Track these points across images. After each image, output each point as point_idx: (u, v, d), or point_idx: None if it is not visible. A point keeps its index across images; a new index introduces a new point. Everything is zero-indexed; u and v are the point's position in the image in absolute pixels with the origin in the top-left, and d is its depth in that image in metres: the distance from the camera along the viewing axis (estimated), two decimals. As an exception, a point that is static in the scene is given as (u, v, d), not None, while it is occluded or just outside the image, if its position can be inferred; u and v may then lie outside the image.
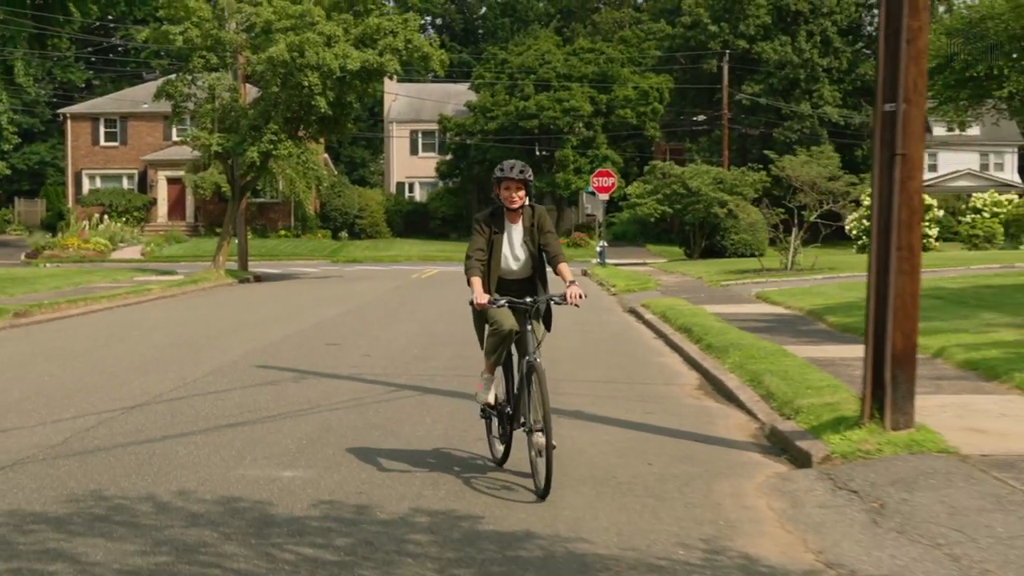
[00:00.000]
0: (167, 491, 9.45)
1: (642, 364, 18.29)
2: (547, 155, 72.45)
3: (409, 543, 8.01)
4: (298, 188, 46.02)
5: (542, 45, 77.80)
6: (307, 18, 40.57)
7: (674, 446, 11.72)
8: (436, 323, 25.03)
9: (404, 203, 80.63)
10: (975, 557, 7.40)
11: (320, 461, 10.78)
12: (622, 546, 8.04)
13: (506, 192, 9.66)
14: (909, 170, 10.80)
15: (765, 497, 9.59)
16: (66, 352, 19.69)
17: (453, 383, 15.52)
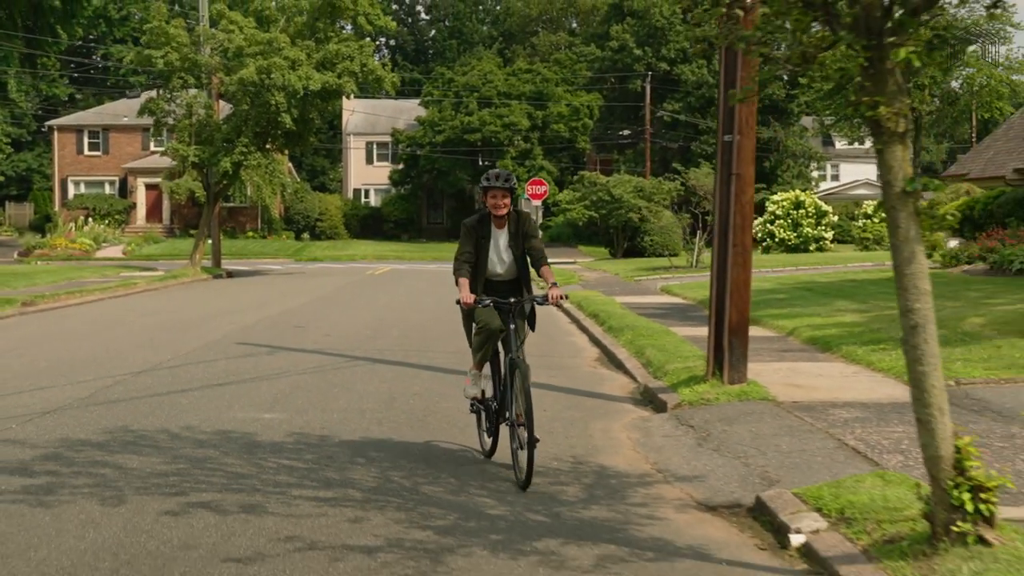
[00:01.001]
0: (177, 426, 11.35)
1: (555, 342, 19.77)
2: (489, 165, 73.09)
3: (359, 457, 10.06)
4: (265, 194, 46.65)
5: (485, 66, 78.52)
6: (274, 44, 41.15)
7: (567, 399, 13.52)
8: (386, 311, 26.28)
9: (360, 208, 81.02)
10: (760, 463, 9.51)
11: (291, 408, 12.62)
12: (517, 462, 9.96)
13: (492, 200, 9.48)
14: (742, 186, 12.90)
15: (626, 432, 11.56)
16: (74, 334, 21.07)
17: (399, 356, 17.29)
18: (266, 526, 7.65)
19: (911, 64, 6.09)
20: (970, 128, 72.15)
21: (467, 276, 9.39)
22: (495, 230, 9.57)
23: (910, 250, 6.43)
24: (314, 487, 8.82)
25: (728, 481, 9.13)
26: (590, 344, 19.63)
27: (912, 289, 6.44)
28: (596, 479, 9.43)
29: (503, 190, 9.41)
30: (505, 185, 9.41)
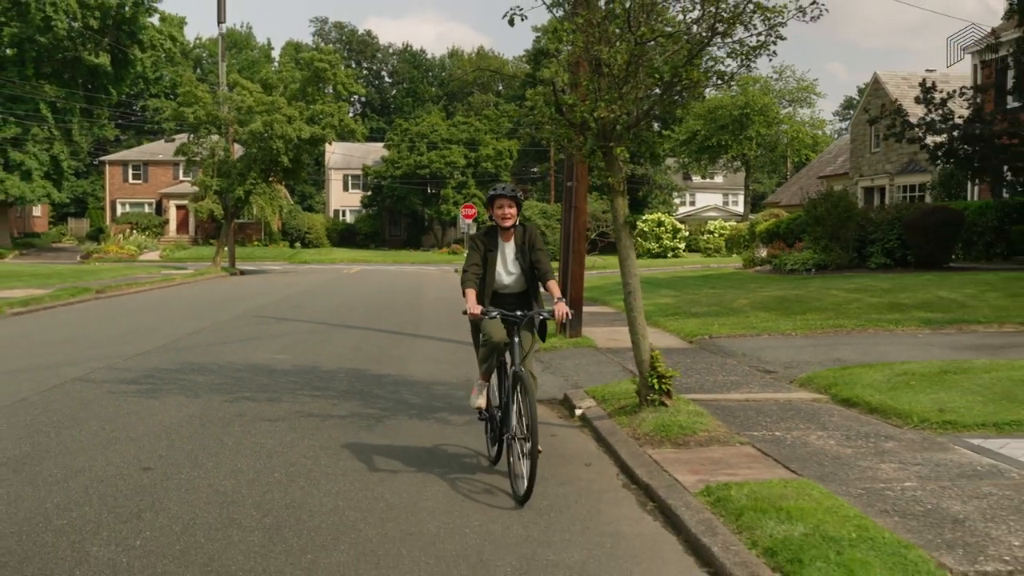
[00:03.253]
0: (222, 362, 13.63)
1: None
2: (435, 193, 75.10)
3: (336, 376, 12.46)
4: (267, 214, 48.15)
5: (432, 118, 79.81)
6: (275, 104, 43.03)
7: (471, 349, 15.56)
8: (356, 297, 27.96)
9: (339, 224, 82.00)
10: (574, 378, 12.04)
11: (293, 352, 14.88)
12: (433, 379, 12.22)
13: (499, 210, 7.53)
14: (578, 214, 15.55)
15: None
16: (139, 311, 22.98)
17: (363, 324, 19.44)
18: (282, 406, 10.23)
19: (622, 155, 8.82)
20: (785, 168, 75.51)
21: (474, 287, 7.43)
22: (502, 243, 7.61)
23: (627, 253, 9.15)
24: (309, 390, 11.37)
25: (553, 387, 11.67)
26: (493, 318, 21.89)
27: (628, 272, 9.16)
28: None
29: (509, 199, 7.56)
30: (512, 194, 7.59)
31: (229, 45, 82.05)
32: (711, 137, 66.13)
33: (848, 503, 6.04)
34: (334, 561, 5.46)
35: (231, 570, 5.29)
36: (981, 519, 5.78)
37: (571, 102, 8.78)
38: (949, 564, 5.04)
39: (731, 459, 7.45)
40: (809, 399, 10.14)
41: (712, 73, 8.56)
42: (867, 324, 15.92)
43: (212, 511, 6.38)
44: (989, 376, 10.27)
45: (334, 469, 7.54)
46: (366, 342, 16.43)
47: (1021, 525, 5.67)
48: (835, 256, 27.18)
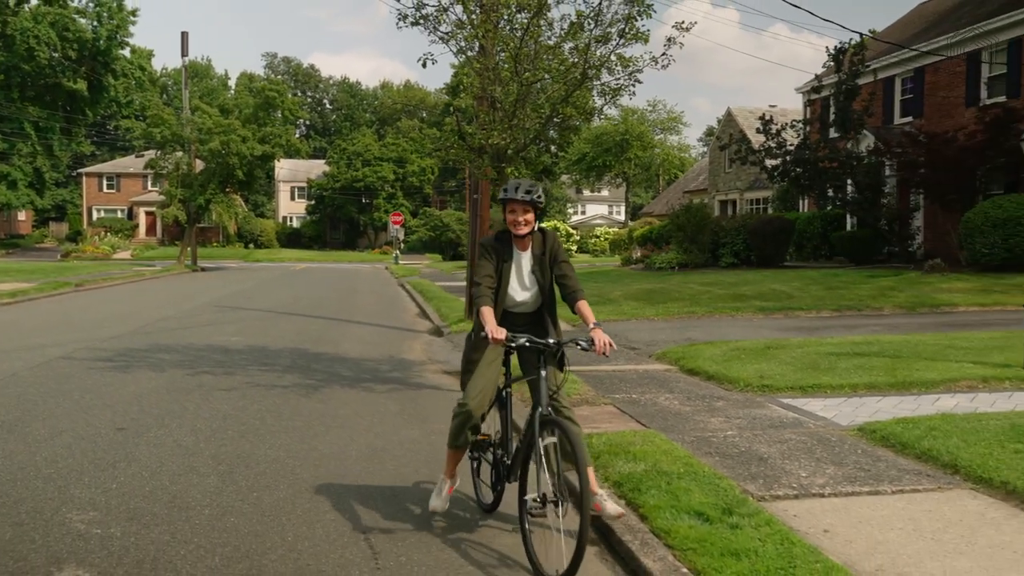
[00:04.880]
0: (185, 343, 13.59)
1: (396, 306, 21.90)
2: (369, 202, 74.70)
3: (281, 354, 12.55)
4: (224, 219, 47.97)
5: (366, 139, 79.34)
6: (232, 127, 42.64)
7: (396, 332, 15.87)
8: (300, 290, 27.67)
9: (287, 228, 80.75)
10: None
11: (246, 334, 14.86)
12: (362, 357, 12.36)
13: (511, 216, 4.97)
14: (483, 222, 15.83)
15: (421, 344, 14.12)
16: (113, 301, 22.51)
17: (305, 312, 19.38)
18: (235, 378, 10.34)
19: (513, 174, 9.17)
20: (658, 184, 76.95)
21: (491, 304, 4.96)
22: (517, 252, 5.12)
23: (517, 252, 9.50)
24: (258, 365, 11.49)
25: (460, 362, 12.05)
26: (415, 306, 21.79)
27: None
28: (399, 362, 12.01)
29: (523, 204, 4.94)
30: (526, 198, 4.91)
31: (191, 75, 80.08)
32: (598, 158, 67.23)
33: (681, 447, 6.49)
34: (276, 497, 5.70)
35: (190, 504, 5.50)
36: (780, 458, 6.28)
37: (471, 131, 9.11)
38: (751, 490, 5.51)
39: (596, 416, 7.86)
40: (662, 369, 10.63)
41: (583, 110, 8.97)
42: (714, 311, 16.56)
43: (176, 461, 6.56)
44: (801, 351, 10.90)
45: (277, 427, 7.75)
46: (308, 327, 16.49)
47: (809, 461, 6.18)
48: (694, 256, 28.00)
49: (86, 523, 5.14)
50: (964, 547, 4.59)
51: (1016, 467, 5.66)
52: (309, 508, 5.48)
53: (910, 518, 5.04)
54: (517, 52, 8.79)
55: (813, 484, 5.64)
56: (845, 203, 27.05)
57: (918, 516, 5.08)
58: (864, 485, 5.62)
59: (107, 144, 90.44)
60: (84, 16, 61.72)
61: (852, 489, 5.55)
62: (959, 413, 7.36)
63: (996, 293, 17.65)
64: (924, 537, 4.74)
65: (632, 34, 8.67)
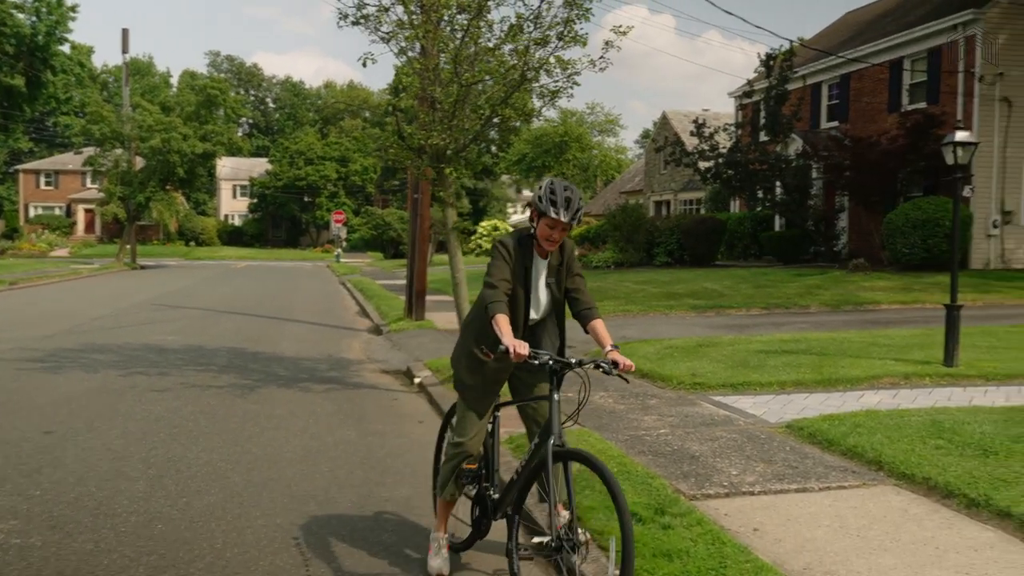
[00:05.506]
0: (120, 343, 13.17)
1: (336, 305, 21.61)
2: (311, 201, 73.73)
3: (218, 354, 12.22)
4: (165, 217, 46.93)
5: (309, 138, 78.10)
6: (173, 124, 41.68)
7: (336, 331, 15.61)
8: (240, 288, 27.14)
9: (228, 226, 79.31)
10: (417, 353, 12.16)
11: (184, 334, 14.45)
12: (300, 356, 12.13)
13: (547, 230, 4.02)
14: (423, 220, 15.64)
15: (360, 343, 13.96)
16: (49, 299, 21.81)
17: (246, 310, 18.94)
18: (170, 379, 10.01)
19: (453, 174, 9.03)
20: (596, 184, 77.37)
21: (507, 313, 3.99)
22: (537, 259, 4.20)
23: (455, 252, 9.38)
24: (194, 365, 11.15)
25: (399, 361, 11.81)
26: (355, 304, 21.53)
27: (455, 268, 9.39)
28: (337, 361, 11.82)
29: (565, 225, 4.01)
30: (567, 219, 3.97)
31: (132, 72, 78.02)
32: (537, 159, 67.28)
33: (615, 446, 6.42)
34: (206, 503, 5.48)
35: (117, 511, 5.25)
36: (712, 456, 6.25)
37: (410, 131, 8.93)
38: (683, 489, 5.46)
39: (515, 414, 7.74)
40: (598, 367, 10.55)
41: (522, 111, 8.86)
42: (649, 309, 16.61)
43: (103, 465, 6.28)
44: (731, 348, 10.95)
45: (211, 429, 7.49)
46: (247, 325, 16.11)
47: (740, 459, 6.16)
48: (630, 256, 28.13)
49: (5, 533, 4.86)
50: (889, 544, 4.59)
51: (937, 463, 5.71)
52: (240, 513, 5.27)
53: (837, 515, 5.04)
54: (457, 53, 8.64)
55: (743, 482, 5.61)
56: (774, 204, 27.44)
57: (844, 513, 5.08)
58: (792, 482, 5.61)
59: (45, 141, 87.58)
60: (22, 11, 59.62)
61: (781, 487, 5.54)
62: (883, 410, 7.43)
63: (916, 291, 18.03)
64: (850, 534, 4.73)
65: (571, 37, 8.58)
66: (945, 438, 6.29)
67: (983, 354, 10.01)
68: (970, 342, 10.31)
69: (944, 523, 4.89)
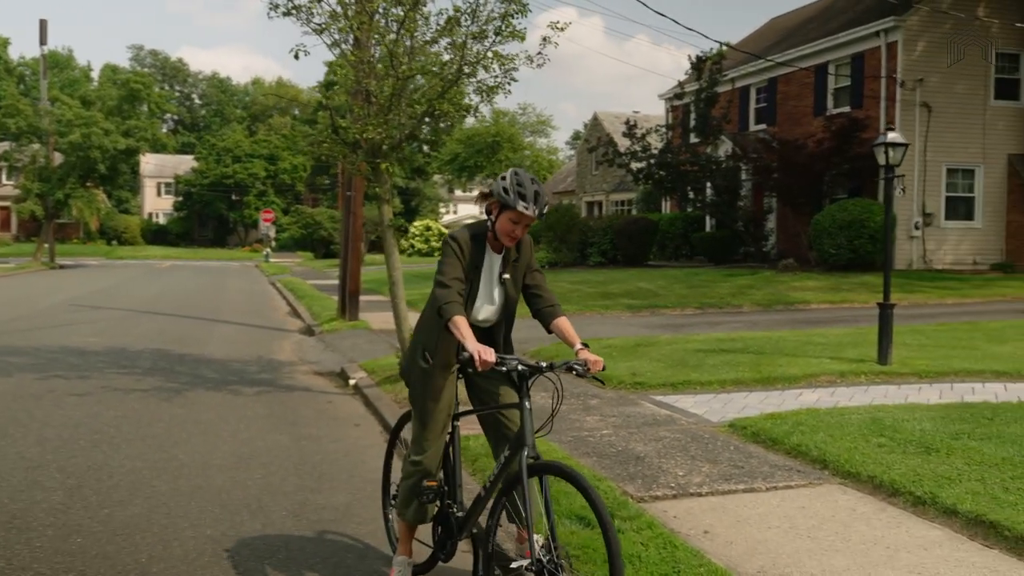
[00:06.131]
0: (38, 345, 12.50)
1: (266, 305, 21.06)
2: (239, 200, 72.35)
3: (142, 355, 11.75)
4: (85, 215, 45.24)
5: (237, 135, 76.80)
6: (94, 119, 40.32)
7: (265, 332, 15.18)
8: (166, 288, 26.29)
9: (153, 225, 77.37)
10: (351, 354, 11.87)
11: (105, 335, 13.84)
12: (229, 358, 11.70)
13: (510, 225, 3.70)
14: (356, 219, 15.34)
15: (291, 344, 13.59)
16: None
17: (171, 311, 18.30)
18: (91, 382, 9.52)
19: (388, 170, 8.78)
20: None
21: (464, 315, 3.65)
22: (491, 254, 3.89)
23: (391, 250, 9.12)
24: (117, 368, 10.65)
25: (332, 362, 11.51)
26: (286, 305, 21.02)
27: (392, 267, 9.14)
28: (269, 363, 11.44)
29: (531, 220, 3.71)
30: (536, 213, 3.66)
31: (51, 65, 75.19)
32: (469, 159, 66.97)
33: (559, 448, 6.26)
34: (129, 514, 5.14)
35: (32, 525, 4.88)
36: (657, 456, 6.14)
37: (345, 125, 8.65)
38: (631, 492, 5.33)
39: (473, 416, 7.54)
40: (537, 367, 10.40)
41: (460, 107, 8.65)
42: (585, 309, 16.56)
43: (17, 475, 5.87)
44: (670, 348, 10.92)
45: (135, 435, 7.10)
46: (172, 326, 15.55)
47: (685, 459, 6.06)
48: (563, 255, 28.14)
49: (-95, 552, 4.47)
50: (840, 544, 4.52)
51: (881, 461, 5.69)
52: (166, 524, 4.95)
53: (786, 516, 4.96)
54: (393, 46, 8.39)
55: (691, 483, 5.51)
56: (705, 205, 27.74)
57: (793, 513, 5.01)
58: (739, 483, 5.53)
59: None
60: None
61: (728, 487, 5.45)
62: (823, 408, 7.44)
63: (844, 291, 18.37)
64: (801, 535, 4.66)
65: (509, 32, 8.42)
66: (886, 436, 6.30)
67: (914, 352, 10.17)
68: (900, 340, 10.46)
69: (892, 522, 4.85)
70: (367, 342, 13.08)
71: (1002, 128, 24.28)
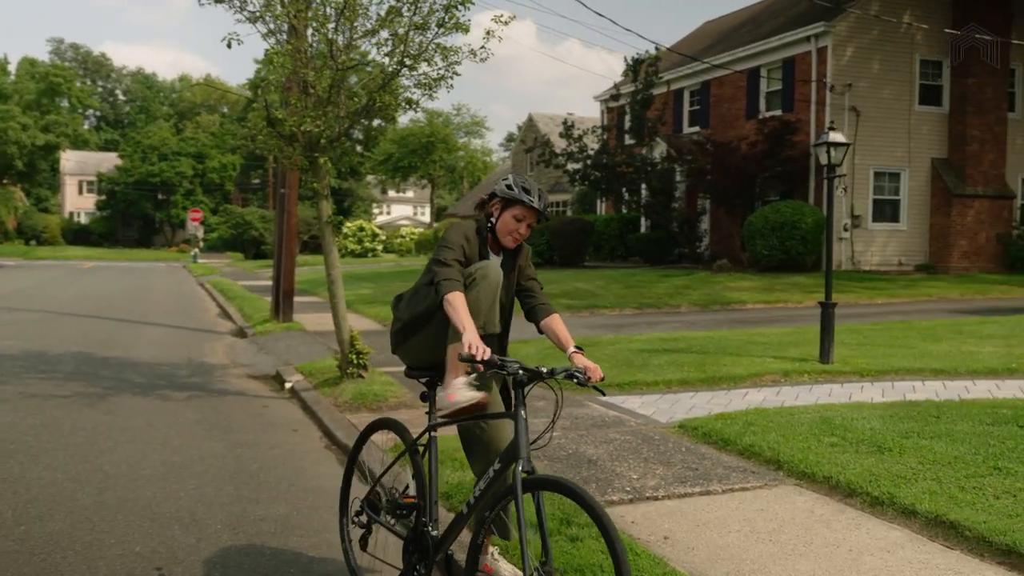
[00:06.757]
0: None
1: (195, 306, 20.40)
2: (165, 199, 70.50)
3: (63, 359, 11.16)
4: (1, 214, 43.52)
5: (163, 133, 74.77)
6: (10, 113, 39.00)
7: (194, 334, 14.64)
8: (89, 289, 25.27)
9: (74, 224, 74.63)
10: (285, 357, 11.49)
11: (23, 338, 13.15)
12: (157, 361, 11.21)
13: (515, 223, 3.58)
14: (290, 217, 14.89)
15: (222, 347, 13.07)
16: None
17: (95, 313, 17.57)
18: (6, 388, 8.93)
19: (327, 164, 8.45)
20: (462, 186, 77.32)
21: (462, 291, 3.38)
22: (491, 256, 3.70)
23: (330, 249, 8.80)
24: (35, 373, 10.06)
25: (266, 365, 11.12)
26: (216, 306, 20.38)
27: (331, 265, 8.82)
28: (199, 366, 10.98)
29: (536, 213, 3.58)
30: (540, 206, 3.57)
31: (-36, 58, 72.27)
32: (403, 159, 66.42)
33: (509, 452, 6.03)
34: (49, 530, 4.75)
35: (-62, 547, 4.46)
36: (609, 459, 5.97)
37: (281, 116, 8.30)
38: (586, 497, 5.12)
39: (417, 420, 7.28)
40: (479, 369, 10.17)
41: (402, 99, 8.38)
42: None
43: (-77, 490, 5.40)
44: (613, 348, 10.80)
45: (55, 445, 6.65)
46: (96, 329, 14.87)
47: (638, 462, 5.90)
48: (500, 256, 27.89)
49: None
50: (802, 548, 4.40)
51: (835, 461, 5.61)
52: (91, 542, 4.58)
53: (745, 519, 4.83)
54: (333, 34, 8.07)
55: (646, 487, 5.35)
56: (640, 206, 27.85)
57: (752, 516, 4.87)
58: (695, 485, 5.38)
59: None
60: None
61: (684, 490, 5.30)
62: (770, 407, 7.37)
63: (777, 291, 18.57)
64: (762, 539, 4.52)
65: (452, 24, 8.18)
66: (838, 435, 6.24)
67: (854, 351, 10.23)
68: (839, 339, 10.52)
69: (852, 524, 4.75)
70: (303, 344, 12.68)
71: (926, 133, 24.92)
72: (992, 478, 5.15)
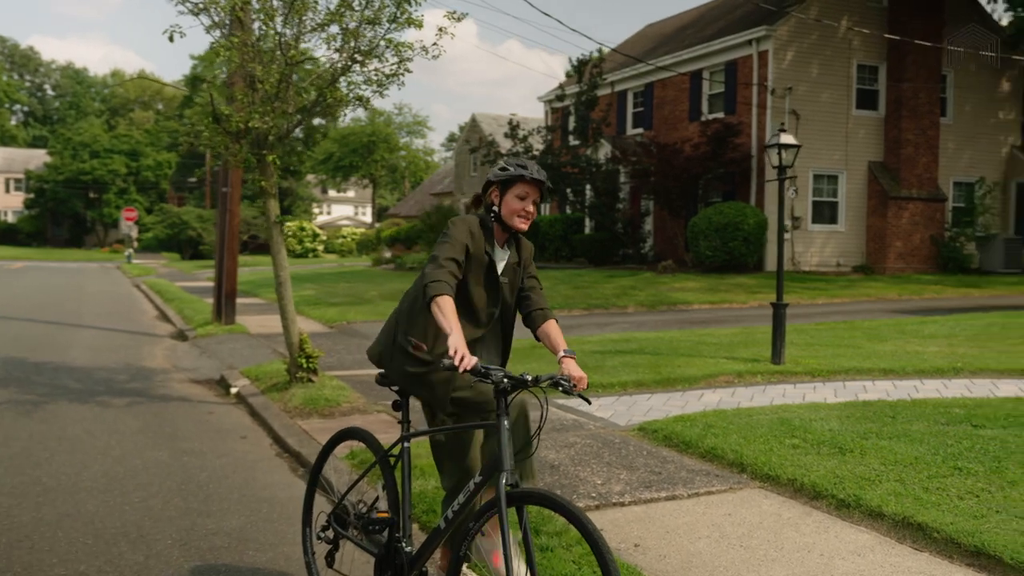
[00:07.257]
0: None
1: (132, 308, 19.70)
2: (97, 198, 68.57)
3: (44, 370, 10.80)
4: (-76, 211, 41.58)
5: (95, 129, 72.69)
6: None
7: (132, 337, 14.10)
8: (18, 291, 24.29)
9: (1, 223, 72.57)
10: (229, 360, 11.14)
11: None
12: (94, 365, 10.75)
13: (519, 203, 3.34)
14: (232, 217, 14.46)
15: (163, 351, 12.62)
16: None
17: (25, 316, 16.84)
18: (-67, 396, 8.52)
19: (275, 162, 8.18)
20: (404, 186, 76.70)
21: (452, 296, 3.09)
22: (498, 249, 3.46)
23: (278, 248, 8.53)
24: (-36, 379, 9.60)
25: (210, 369, 10.77)
26: (153, 308, 19.73)
27: (279, 266, 8.55)
28: (139, 370, 10.54)
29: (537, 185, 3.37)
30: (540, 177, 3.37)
31: None
32: (344, 158, 65.70)
33: (469, 458, 5.88)
34: (-17, 550, 4.44)
35: None
36: (572, 464, 5.86)
37: (228, 112, 8.01)
38: (552, 504, 5.00)
39: (370, 425, 7.08)
40: (431, 371, 9.98)
41: (352, 96, 8.16)
42: (472, 310, 16.17)
43: None
44: (567, 349, 10.69)
45: (-13, 455, 6.29)
46: (27, 332, 14.25)
47: (601, 467, 5.80)
48: (445, 256, 27.70)
49: None
50: (774, 553, 4.34)
51: (798, 463, 5.58)
52: (30, 562, 4.30)
53: (714, 524, 4.75)
54: (281, 27, 7.81)
55: (611, 492, 5.24)
56: (584, 207, 27.90)
57: (720, 521, 4.80)
58: (660, 490, 5.30)
59: None
60: None
61: (650, 496, 5.21)
62: (727, 409, 7.35)
63: (722, 292, 18.73)
64: (733, 545, 4.45)
65: (404, 19, 7.98)
66: (798, 436, 6.22)
67: (804, 351, 10.31)
68: (788, 340, 10.59)
69: (819, 527, 4.71)
70: (247, 347, 12.32)
71: (863, 136, 25.43)
72: (954, 478, 5.17)
